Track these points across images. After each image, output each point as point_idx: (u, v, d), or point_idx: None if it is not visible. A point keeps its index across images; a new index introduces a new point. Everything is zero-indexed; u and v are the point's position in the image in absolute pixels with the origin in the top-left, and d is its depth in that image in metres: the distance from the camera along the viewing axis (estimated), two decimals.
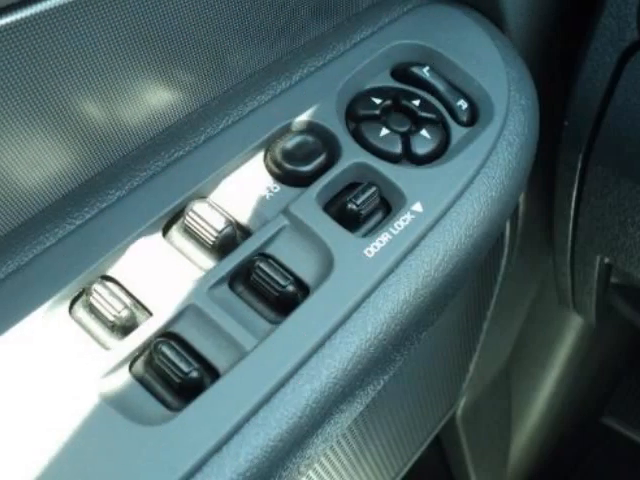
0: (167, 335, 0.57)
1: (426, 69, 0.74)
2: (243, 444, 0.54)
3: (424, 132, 0.70)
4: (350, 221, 0.64)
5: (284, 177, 0.66)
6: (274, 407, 0.56)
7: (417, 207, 0.65)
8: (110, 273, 0.59)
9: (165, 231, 0.62)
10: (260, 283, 0.60)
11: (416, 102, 0.72)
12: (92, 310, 0.57)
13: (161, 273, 0.60)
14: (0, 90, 0.52)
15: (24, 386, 0.53)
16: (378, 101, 0.72)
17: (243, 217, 0.63)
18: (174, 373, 0.55)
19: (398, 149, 0.69)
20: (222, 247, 0.61)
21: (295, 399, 0.57)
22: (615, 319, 1.34)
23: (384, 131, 0.69)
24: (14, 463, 0.50)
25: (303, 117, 0.68)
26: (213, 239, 0.61)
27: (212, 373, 0.56)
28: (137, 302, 0.58)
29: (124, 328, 0.57)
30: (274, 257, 0.62)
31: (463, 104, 0.73)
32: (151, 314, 0.58)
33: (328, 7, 0.73)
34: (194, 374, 0.55)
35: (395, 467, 1.39)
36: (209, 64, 0.66)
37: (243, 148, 0.66)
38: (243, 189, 0.65)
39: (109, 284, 0.58)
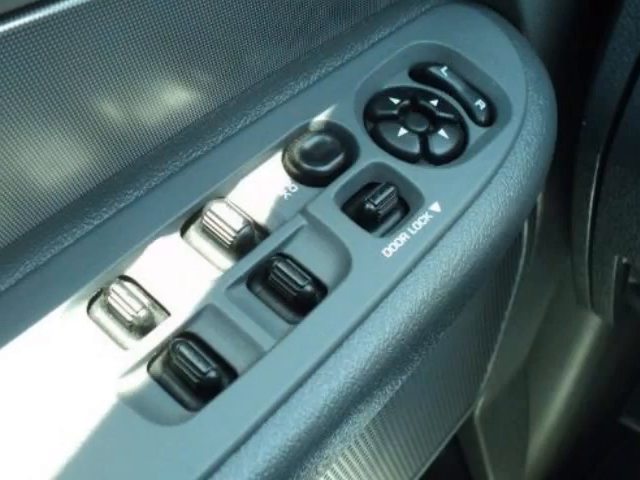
0: (185, 335, 0.57)
1: (444, 69, 0.74)
2: (261, 444, 0.54)
3: (442, 132, 0.70)
4: (368, 221, 0.64)
5: (302, 177, 0.66)
6: (292, 407, 0.56)
7: (435, 207, 0.65)
8: (128, 273, 0.59)
9: (183, 231, 0.62)
10: (278, 283, 0.60)
11: (434, 102, 0.72)
12: (110, 310, 0.57)
13: (179, 273, 0.60)
14: (19, 90, 0.52)
15: (42, 386, 0.53)
16: (396, 101, 0.71)
17: (261, 217, 0.63)
18: (192, 373, 0.55)
19: (416, 149, 0.69)
20: (240, 247, 0.61)
21: (313, 399, 0.57)
22: (633, 319, 1.34)
23: (402, 131, 0.69)
24: (32, 462, 0.50)
25: (321, 117, 0.68)
26: (231, 239, 0.61)
27: (230, 373, 0.56)
28: (155, 302, 0.59)
29: (142, 328, 0.57)
30: (292, 257, 0.62)
31: (481, 104, 0.73)
32: (169, 314, 0.58)
33: (346, 7, 0.73)
34: (212, 374, 0.55)
35: (413, 467, 1.38)
36: (227, 64, 0.66)
37: (261, 148, 0.66)
38: (261, 189, 0.65)
39: (127, 284, 0.58)
